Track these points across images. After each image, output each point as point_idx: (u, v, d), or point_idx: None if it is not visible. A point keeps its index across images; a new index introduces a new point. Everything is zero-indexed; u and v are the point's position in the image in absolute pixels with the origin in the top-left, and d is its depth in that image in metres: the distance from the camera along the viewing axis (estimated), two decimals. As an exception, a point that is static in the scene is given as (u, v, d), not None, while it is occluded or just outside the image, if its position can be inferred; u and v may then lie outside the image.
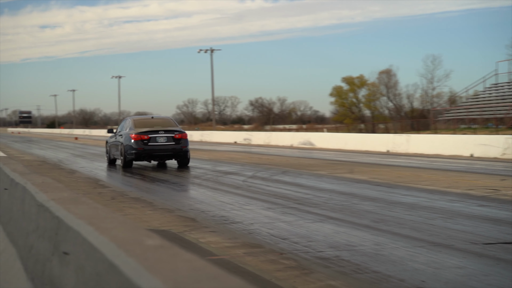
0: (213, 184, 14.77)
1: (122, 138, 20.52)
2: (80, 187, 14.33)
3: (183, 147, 20.22)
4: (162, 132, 20.08)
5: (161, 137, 19.97)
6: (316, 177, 16.27)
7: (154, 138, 19.86)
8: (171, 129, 20.45)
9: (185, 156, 20.42)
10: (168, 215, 9.99)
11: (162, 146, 19.94)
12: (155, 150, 19.89)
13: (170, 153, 20.11)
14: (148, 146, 19.77)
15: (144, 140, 19.75)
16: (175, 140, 20.12)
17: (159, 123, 20.90)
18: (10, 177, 5.79)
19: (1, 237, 5.46)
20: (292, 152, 31.28)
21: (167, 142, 20.01)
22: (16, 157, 26.84)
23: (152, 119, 21.40)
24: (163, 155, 20.17)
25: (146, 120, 21.20)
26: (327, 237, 7.87)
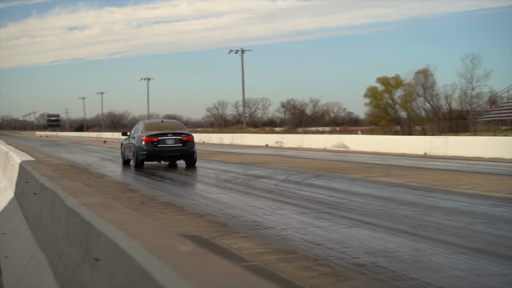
0: (245, 188, 14.78)
1: (134, 140, 22.75)
2: (109, 192, 14.46)
3: (190, 148, 22.31)
4: (171, 135, 22.25)
5: (170, 139, 22.16)
6: (351, 181, 16.18)
7: (163, 140, 22.07)
8: (179, 132, 22.63)
9: (192, 157, 22.50)
10: (198, 220, 10.02)
11: (170, 148, 22.11)
12: (164, 151, 22.06)
13: (178, 154, 22.32)
14: (157, 148, 21.97)
15: (154, 142, 22.01)
16: (183, 142, 22.27)
17: (168, 127, 23.26)
18: (40, 181, 5.86)
19: (30, 243, 5.53)
20: (326, 155, 31.17)
21: (175, 144, 22.19)
22: (44, 161, 27.21)
23: (162, 122, 24.05)
24: (172, 156, 22.38)
25: (156, 124, 23.63)
26: (363, 243, 7.81)
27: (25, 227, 6.38)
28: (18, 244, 6.14)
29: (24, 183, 7.69)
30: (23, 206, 7.41)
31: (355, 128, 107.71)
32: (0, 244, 7.10)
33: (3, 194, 10.70)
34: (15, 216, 7.68)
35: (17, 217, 7.42)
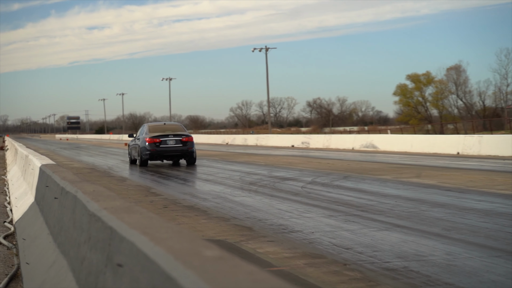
0: (270, 190, 14.78)
1: (139, 142, 25.55)
2: (131, 195, 14.55)
3: (190, 148, 25.06)
4: (172, 136, 25.00)
5: (171, 140, 24.93)
6: (380, 182, 16.10)
7: (165, 141, 24.87)
8: (179, 133, 25.32)
9: (191, 156, 25.23)
10: (223, 224, 10.04)
11: (171, 148, 24.89)
12: (165, 151, 24.85)
13: (178, 154, 25.08)
14: (160, 148, 24.76)
15: (156, 143, 24.76)
16: (183, 142, 25.03)
17: (170, 128, 25.99)
18: (60, 185, 5.91)
19: (52, 249, 5.58)
20: (354, 155, 31.06)
21: (176, 144, 24.95)
22: (65, 165, 27.47)
23: (164, 125, 26.56)
24: (173, 155, 25.16)
25: (159, 126, 26.32)
26: (394, 247, 7.77)
27: (46, 233, 6.44)
28: (39, 250, 6.20)
29: (45, 187, 7.77)
30: (44, 211, 7.48)
31: (384, 128, 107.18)
32: (21, 250, 7.17)
33: (23, 199, 10.82)
34: (36, 221, 7.76)
35: (38, 222, 7.49)
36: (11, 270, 6.77)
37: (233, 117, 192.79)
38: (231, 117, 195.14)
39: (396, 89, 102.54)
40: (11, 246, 8.17)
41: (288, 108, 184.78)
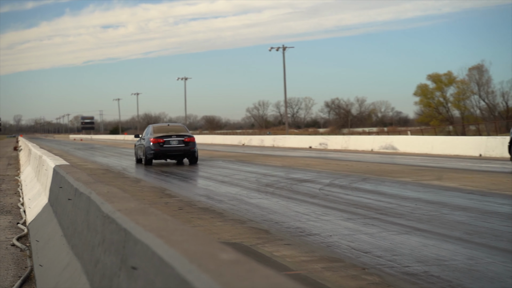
0: (287, 192, 14.77)
1: (144, 142, 27.58)
2: (146, 197, 14.60)
3: (191, 148, 26.97)
4: (175, 137, 26.94)
5: (174, 140, 26.86)
6: (400, 185, 16.04)
7: (168, 141, 26.81)
8: (182, 134, 27.28)
9: (193, 155, 27.14)
10: (239, 226, 10.04)
11: (174, 148, 26.86)
12: (169, 151, 26.83)
13: (181, 153, 27.04)
14: (163, 148, 26.74)
15: (160, 143, 26.72)
16: (185, 143, 26.95)
17: (173, 129, 27.98)
18: (74, 186, 5.94)
19: (65, 251, 5.61)
20: (373, 157, 30.96)
21: (179, 144, 26.90)
22: (79, 166, 27.62)
23: (168, 126, 28.62)
24: (176, 155, 27.13)
25: (163, 127, 28.32)
26: (414, 251, 7.73)
27: (60, 234, 6.47)
28: (53, 252, 6.24)
29: (58, 188, 7.81)
30: (58, 212, 7.53)
31: (404, 129, 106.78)
32: (34, 252, 7.22)
33: (37, 200, 10.89)
34: (49, 223, 7.80)
35: (52, 224, 7.54)
36: (24, 272, 6.81)
37: (250, 117, 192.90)
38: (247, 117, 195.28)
39: (417, 89, 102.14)
40: (24, 248, 8.23)
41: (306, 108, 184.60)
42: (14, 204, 13.59)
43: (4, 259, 7.68)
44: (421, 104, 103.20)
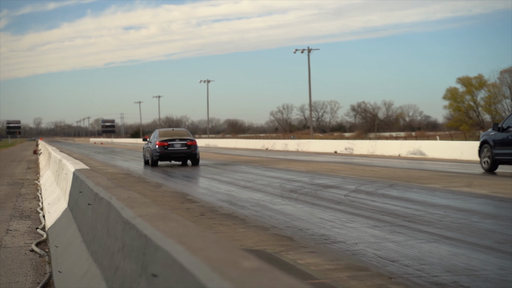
0: (312, 198, 14.74)
1: (151, 145, 30.84)
2: (167, 202, 14.65)
3: (193, 151, 30.31)
4: (178, 140, 30.24)
5: (177, 144, 30.16)
6: (428, 191, 15.94)
7: (172, 144, 30.06)
8: (185, 138, 30.62)
9: (195, 157, 30.57)
10: (262, 233, 10.04)
11: (178, 150, 30.17)
12: (172, 153, 30.12)
13: (184, 155, 30.49)
14: (167, 150, 29.96)
15: (165, 146, 29.93)
16: (187, 146, 30.27)
17: (177, 134, 31.17)
18: (94, 191, 5.98)
19: (85, 257, 5.64)
20: (400, 162, 30.81)
21: (182, 147, 30.20)
22: (99, 170, 27.79)
23: (172, 130, 32.07)
24: (179, 157, 30.53)
25: (168, 132, 31.67)
26: (442, 260, 7.68)
27: (79, 240, 6.51)
28: (72, 258, 6.28)
29: (78, 193, 7.87)
30: (77, 217, 7.58)
31: (433, 133, 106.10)
32: (53, 258, 7.27)
33: (56, 204, 10.97)
34: (69, 228, 7.86)
35: (71, 229, 7.59)
36: (43, 278, 6.87)
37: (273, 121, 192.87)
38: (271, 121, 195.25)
39: (446, 93, 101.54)
40: (43, 254, 8.29)
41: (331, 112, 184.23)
42: (33, 208, 13.71)
43: (23, 265, 7.75)
44: (450, 108, 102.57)
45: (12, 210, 13.59)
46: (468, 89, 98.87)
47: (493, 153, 22.07)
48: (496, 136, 22.03)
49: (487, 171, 22.51)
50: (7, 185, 20.40)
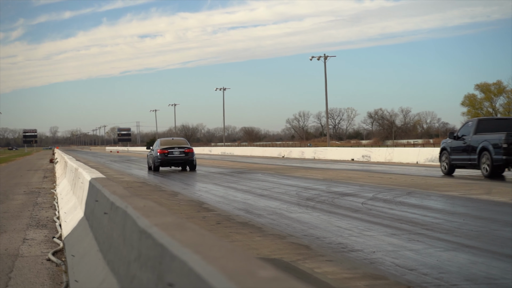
0: (328, 207, 14.70)
1: (153, 152, 34.84)
2: (183, 211, 14.67)
3: (190, 157, 34.18)
4: (177, 148, 34.19)
5: (176, 151, 34.06)
6: (447, 199, 15.86)
7: (172, 152, 33.97)
8: (183, 146, 34.68)
9: (192, 163, 34.33)
10: (279, 241, 10.02)
11: (176, 157, 34.06)
12: (172, 160, 34.06)
13: (182, 161, 34.27)
14: (167, 157, 33.91)
15: (165, 153, 33.90)
16: (185, 153, 34.16)
17: (176, 142, 35.42)
18: (110, 200, 6.00)
19: (101, 266, 5.66)
20: (418, 170, 30.67)
21: (180, 154, 34.08)
22: (115, 178, 27.89)
23: (172, 140, 36.26)
24: (178, 163, 34.36)
25: (168, 141, 35.87)
26: (461, 268, 7.63)
27: (96, 249, 6.53)
28: (88, 267, 6.30)
29: (94, 201, 7.90)
30: (93, 226, 7.60)
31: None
32: (70, 267, 7.30)
33: (72, 213, 11.02)
34: (85, 237, 7.89)
35: (87, 238, 7.61)
36: (60, 287, 6.89)
37: (290, 128, 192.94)
38: (287, 128, 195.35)
39: (464, 100, 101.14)
40: (60, 263, 8.33)
41: (348, 119, 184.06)
42: (50, 217, 13.78)
43: (40, 274, 7.78)
44: (469, 115, 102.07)
45: (28, 219, 13.67)
46: (486, 96, 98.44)
47: (450, 159, 25.72)
48: (453, 144, 25.71)
49: (446, 174, 25.83)
50: (23, 194, 20.52)
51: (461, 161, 25.04)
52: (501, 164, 22.77)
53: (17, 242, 10.45)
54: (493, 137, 23.39)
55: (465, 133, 25.21)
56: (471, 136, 24.55)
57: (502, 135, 22.81)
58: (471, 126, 25.16)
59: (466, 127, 25.76)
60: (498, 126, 24.67)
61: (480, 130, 24.61)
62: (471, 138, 24.50)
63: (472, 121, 25.94)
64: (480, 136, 24.14)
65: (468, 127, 25.41)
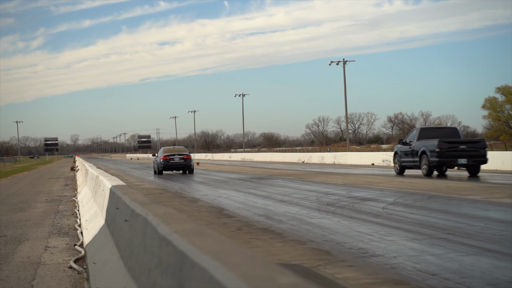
0: (349, 212, 14.66)
1: (158, 159, 41.22)
2: (203, 217, 14.69)
3: (188, 163, 40.51)
4: (177, 155, 40.47)
5: (176, 157, 40.32)
6: (468, 203, 15.75)
7: (173, 158, 40.25)
8: (182, 153, 40.92)
9: (189, 168, 40.65)
10: (299, 247, 10.01)
11: (177, 162, 40.28)
12: (173, 165, 40.30)
13: (181, 166, 40.43)
14: (169, 163, 40.20)
15: (167, 159, 40.19)
16: (184, 159, 40.47)
17: (177, 150, 41.61)
18: (131, 207, 6.02)
19: (122, 273, 5.68)
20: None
21: (180, 160, 40.33)
22: (135, 186, 28.00)
23: (173, 148, 42.44)
24: (178, 168, 40.58)
25: (170, 149, 41.97)
26: (484, 273, 7.57)
27: (117, 256, 6.56)
28: (110, 274, 6.32)
29: (115, 209, 7.93)
30: (114, 233, 7.63)
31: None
32: (92, 275, 7.33)
33: (93, 221, 11.07)
34: (106, 245, 7.92)
35: (109, 246, 7.65)
36: (82, 294, 6.92)
37: (309, 134, 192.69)
38: (307, 134, 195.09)
39: (485, 103, 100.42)
40: (81, 270, 8.37)
41: (368, 124, 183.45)
42: (71, 225, 13.86)
43: (62, 282, 7.83)
44: (489, 118, 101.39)
45: (50, 227, 13.75)
46: (508, 98, 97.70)
47: (400, 161, 31.06)
48: (402, 148, 30.94)
49: (397, 173, 31.20)
50: (45, 202, 20.66)
51: (408, 163, 30.21)
52: (435, 165, 28.01)
53: (39, 250, 10.51)
54: (430, 143, 28.35)
55: (411, 139, 30.26)
56: (415, 142, 29.60)
57: (435, 141, 27.92)
58: (415, 134, 30.27)
59: (412, 134, 30.87)
60: (437, 134, 29.71)
61: (422, 137, 29.61)
62: (415, 143, 29.57)
63: (416, 130, 30.97)
64: (421, 142, 29.08)
65: (413, 135, 30.53)
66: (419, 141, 29.31)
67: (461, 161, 27.80)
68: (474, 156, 27.92)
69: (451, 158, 27.77)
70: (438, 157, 27.73)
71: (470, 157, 27.85)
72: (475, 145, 28.43)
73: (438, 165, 28.05)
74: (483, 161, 28.14)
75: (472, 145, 28.29)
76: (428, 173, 28.20)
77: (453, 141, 28.16)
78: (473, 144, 28.48)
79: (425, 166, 28.42)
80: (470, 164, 27.94)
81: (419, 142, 29.21)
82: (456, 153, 27.78)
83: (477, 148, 28.15)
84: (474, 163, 27.97)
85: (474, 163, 27.97)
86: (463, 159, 27.79)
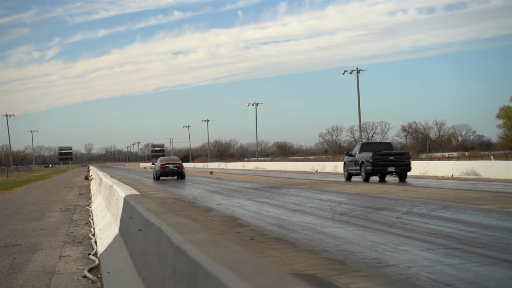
0: (363, 221, 14.62)
1: (155, 167, 49.94)
2: (217, 227, 14.69)
3: (180, 170, 49.29)
4: (171, 164, 49.33)
5: (171, 166, 49.17)
6: (483, 213, 15.67)
7: (168, 166, 49.08)
8: (175, 162, 49.70)
9: (181, 174, 49.47)
10: (313, 257, 9.99)
11: (171, 170, 49.05)
12: (168, 172, 49.04)
13: (175, 173, 49.19)
14: (165, 170, 48.91)
15: (163, 167, 48.93)
16: (177, 167, 49.27)
17: (171, 160, 50.30)
18: (144, 217, 6.04)
19: (136, 283, 5.69)
20: (453, 183, 30.37)
21: (173, 168, 49.10)
22: (149, 195, 28.05)
23: (169, 158, 50.87)
24: (172, 174, 49.26)
25: (166, 158, 50.55)
26: (500, 284, 7.53)
27: (131, 266, 6.57)
28: (124, 283, 6.34)
29: (129, 218, 7.95)
30: (128, 243, 7.65)
31: (487, 153, 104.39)
32: (106, 284, 7.35)
33: (107, 230, 11.10)
34: (120, 254, 7.94)
35: (122, 255, 7.66)
36: (96, 304, 6.94)
37: (323, 143, 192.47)
38: (320, 143, 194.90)
39: (500, 112, 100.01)
40: (95, 280, 8.39)
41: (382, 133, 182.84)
42: (85, 234, 13.91)
43: (75, 291, 7.84)
44: (504, 127, 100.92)
45: (64, 236, 13.80)
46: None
47: (347, 169, 37.81)
48: (348, 159, 37.71)
49: (346, 179, 37.74)
50: (59, 211, 20.74)
51: (353, 170, 36.92)
52: (370, 172, 34.79)
53: (54, 259, 10.56)
54: (366, 155, 35.01)
55: (355, 152, 37.04)
56: (357, 154, 36.32)
57: (370, 154, 34.67)
58: (358, 147, 37.33)
59: (356, 148, 37.77)
60: (374, 148, 36.48)
61: (363, 150, 36.44)
62: (357, 155, 36.24)
63: (358, 144, 38.07)
64: (361, 154, 35.84)
65: (357, 148, 37.44)
66: (360, 153, 36.10)
67: (390, 169, 34.60)
68: (401, 165, 34.72)
69: (382, 167, 34.61)
70: (372, 166, 34.58)
71: (397, 165, 34.69)
72: (402, 156, 35.14)
73: (372, 172, 34.83)
74: (407, 169, 35.01)
75: (399, 157, 34.97)
76: (365, 179, 35.09)
77: (384, 153, 34.74)
78: (400, 156, 35.12)
79: (363, 173, 35.26)
80: (398, 171, 34.78)
81: (360, 154, 35.99)
82: (386, 163, 34.54)
83: (403, 159, 34.93)
84: (401, 170, 34.76)
85: (400, 170, 34.75)
86: (391, 168, 34.62)
